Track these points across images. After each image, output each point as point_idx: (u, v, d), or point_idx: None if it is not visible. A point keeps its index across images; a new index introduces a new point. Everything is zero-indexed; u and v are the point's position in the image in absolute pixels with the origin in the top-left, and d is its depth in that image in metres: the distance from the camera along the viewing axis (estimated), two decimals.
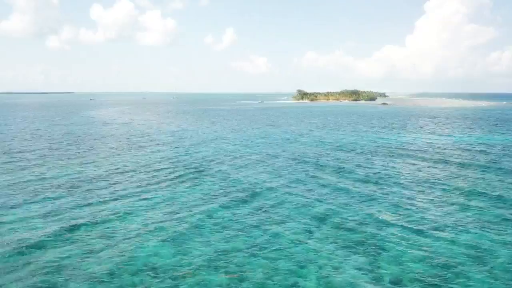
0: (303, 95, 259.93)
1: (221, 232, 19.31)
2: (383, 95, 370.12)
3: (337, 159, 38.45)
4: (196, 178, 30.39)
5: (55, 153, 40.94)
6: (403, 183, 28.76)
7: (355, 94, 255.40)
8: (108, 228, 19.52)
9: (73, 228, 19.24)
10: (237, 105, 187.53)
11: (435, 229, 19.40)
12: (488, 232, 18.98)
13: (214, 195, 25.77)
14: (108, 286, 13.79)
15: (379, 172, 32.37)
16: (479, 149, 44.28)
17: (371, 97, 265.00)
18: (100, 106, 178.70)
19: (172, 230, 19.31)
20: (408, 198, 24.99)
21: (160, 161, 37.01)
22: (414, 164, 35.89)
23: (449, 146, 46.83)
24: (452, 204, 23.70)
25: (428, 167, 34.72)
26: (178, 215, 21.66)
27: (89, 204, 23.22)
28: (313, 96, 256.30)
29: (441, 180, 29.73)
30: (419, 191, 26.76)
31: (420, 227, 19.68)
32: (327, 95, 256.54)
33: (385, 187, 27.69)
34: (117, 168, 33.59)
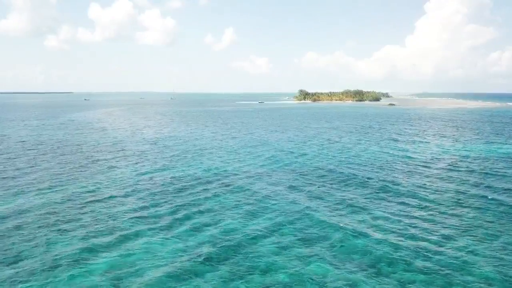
0: (305, 95, 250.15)
1: None
2: (386, 95, 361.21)
3: (352, 198, 28.81)
4: (159, 213, 20.82)
5: None
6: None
7: (359, 95, 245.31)
8: None
9: None
10: (236, 106, 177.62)
11: None
12: None
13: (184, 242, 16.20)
14: None
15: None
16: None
17: (376, 98, 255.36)
18: (92, 107, 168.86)
19: None
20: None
21: (123, 182, 27.45)
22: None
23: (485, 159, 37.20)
24: None
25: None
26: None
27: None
28: (315, 97, 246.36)
29: None
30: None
31: None
32: (330, 95, 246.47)
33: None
34: (70, 193, 24.07)
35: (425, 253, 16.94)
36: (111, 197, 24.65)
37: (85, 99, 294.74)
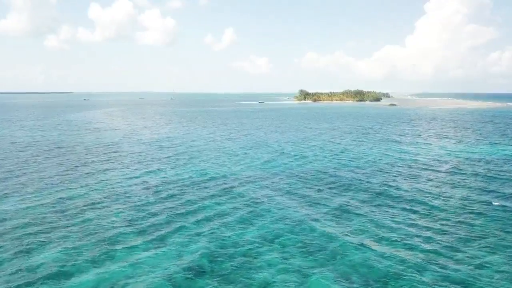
0: (305, 95, 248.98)
1: None
2: (386, 95, 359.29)
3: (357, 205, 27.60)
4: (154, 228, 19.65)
5: None
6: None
7: (359, 95, 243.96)
8: None
9: None
10: (236, 106, 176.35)
11: None
12: None
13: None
14: None
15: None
16: None
17: (376, 98, 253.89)
18: (92, 107, 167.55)
19: None
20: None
21: (115, 187, 26.29)
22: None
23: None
24: None
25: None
26: None
27: None
28: (315, 97, 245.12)
29: None
30: None
31: None
32: (330, 95, 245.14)
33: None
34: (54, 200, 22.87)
35: (434, 267, 15.76)
36: (100, 203, 23.49)
37: (85, 99, 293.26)
